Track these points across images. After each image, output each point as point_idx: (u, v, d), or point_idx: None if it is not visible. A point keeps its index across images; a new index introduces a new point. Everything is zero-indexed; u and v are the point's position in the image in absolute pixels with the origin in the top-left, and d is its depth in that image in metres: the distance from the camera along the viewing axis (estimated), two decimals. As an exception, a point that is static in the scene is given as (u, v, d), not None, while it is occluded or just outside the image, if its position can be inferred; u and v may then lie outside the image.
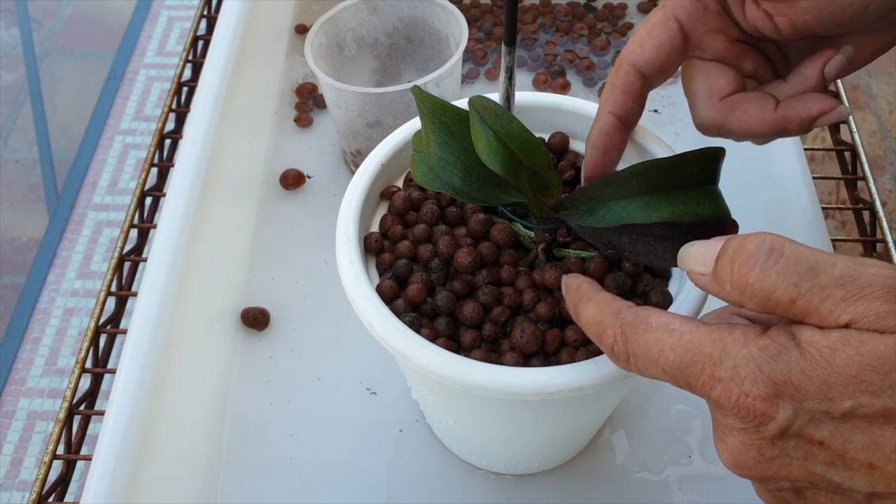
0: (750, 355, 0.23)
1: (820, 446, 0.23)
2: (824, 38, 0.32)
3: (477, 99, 0.32)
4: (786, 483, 0.24)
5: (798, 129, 0.32)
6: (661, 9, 0.33)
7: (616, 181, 0.31)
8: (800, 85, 0.33)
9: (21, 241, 1.25)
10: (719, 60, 0.34)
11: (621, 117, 0.34)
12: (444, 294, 0.33)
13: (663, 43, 0.33)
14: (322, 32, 0.53)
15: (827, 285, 0.22)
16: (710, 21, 0.33)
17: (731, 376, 0.23)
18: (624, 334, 0.26)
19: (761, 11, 0.32)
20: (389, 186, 0.38)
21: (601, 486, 0.43)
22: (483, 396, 0.32)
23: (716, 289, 0.25)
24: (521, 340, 0.32)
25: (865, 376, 0.22)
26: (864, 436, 0.22)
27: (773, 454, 0.23)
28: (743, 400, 0.23)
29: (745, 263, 0.24)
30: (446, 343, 0.32)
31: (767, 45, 0.34)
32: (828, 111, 0.31)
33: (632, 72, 0.33)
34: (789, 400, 0.22)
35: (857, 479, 0.23)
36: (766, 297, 0.23)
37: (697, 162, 0.31)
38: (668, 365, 0.25)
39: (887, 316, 0.22)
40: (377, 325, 0.32)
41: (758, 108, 0.32)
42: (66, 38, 1.52)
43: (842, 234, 0.95)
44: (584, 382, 0.30)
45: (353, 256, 0.34)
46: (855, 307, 0.22)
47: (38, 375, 1.10)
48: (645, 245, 0.31)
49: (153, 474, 0.39)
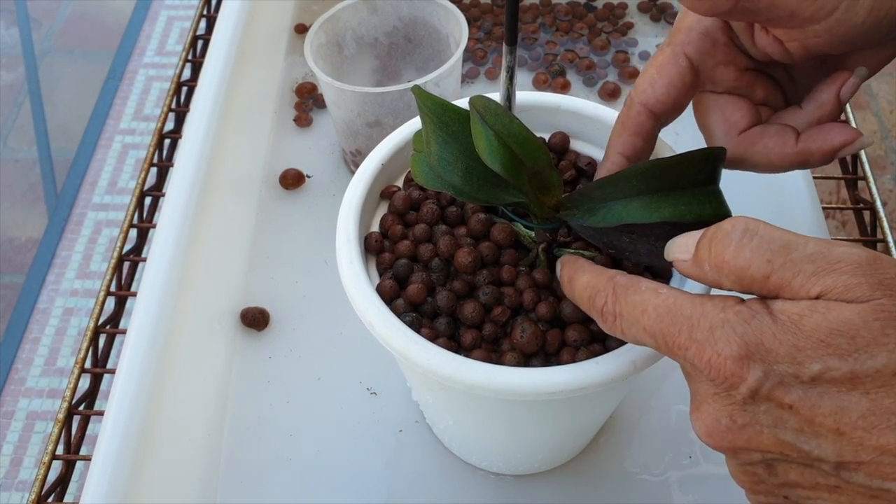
0: (725, 319, 0.24)
1: (789, 410, 0.23)
2: (832, 57, 0.32)
3: (477, 98, 0.31)
4: (757, 455, 0.25)
5: (820, 162, 0.32)
6: (669, 45, 0.33)
7: (617, 181, 0.31)
8: (816, 111, 0.33)
9: (20, 240, 1.25)
10: (731, 92, 0.34)
11: (631, 158, 0.34)
12: (445, 294, 0.33)
13: (674, 80, 0.33)
14: (322, 32, 0.53)
15: (799, 261, 0.23)
16: (719, 54, 0.33)
17: (706, 337, 0.24)
18: (615, 294, 0.27)
19: (771, 38, 0.32)
20: (389, 186, 0.38)
21: (601, 487, 0.43)
22: (483, 396, 0.32)
23: (696, 272, 0.26)
24: (521, 340, 0.32)
25: (833, 340, 0.22)
26: (831, 400, 0.22)
27: (745, 421, 0.24)
28: (715, 360, 0.24)
29: (720, 242, 0.25)
30: (446, 343, 0.32)
31: (774, 69, 0.34)
32: (850, 142, 0.32)
33: (643, 112, 0.33)
34: (760, 362, 0.23)
35: (825, 447, 0.23)
36: (742, 273, 0.24)
37: (698, 162, 0.30)
38: (649, 324, 0.26)
39: (855, 287, 0.23)
40: (377, 325, 0.32)
41: (778, 143, 0.32)
42: (66, 38, 1.52)
43: (842, 234, 0.95)
44: (584, 383, 0.30)
45: (353, 256, 0.34)
46: (825, 280, 0.23)
47: (37, 375, 1.10)
48: (645, 245, 0.31)
49: (153, 474, 0.39)
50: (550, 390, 0.30)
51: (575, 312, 0.33)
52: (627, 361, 0.30)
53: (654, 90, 0.33)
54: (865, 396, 0.22)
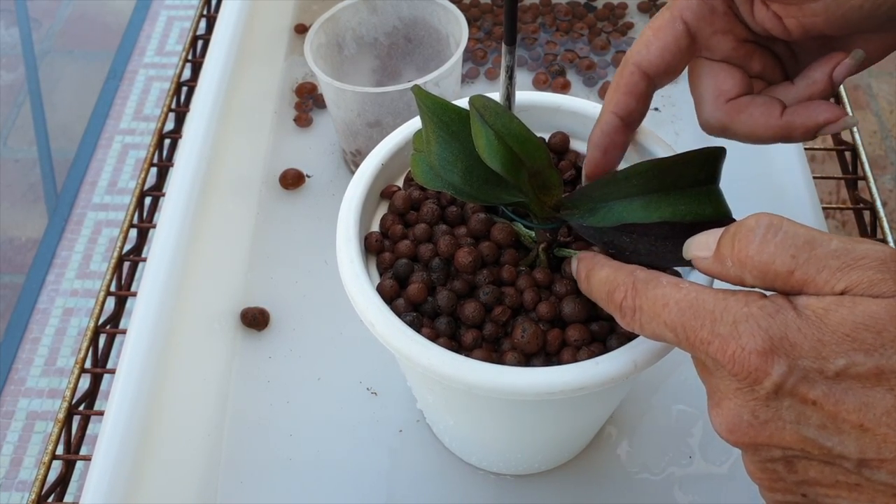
0: (749, 313, 0.24)
1: (813, 406, 0.23)
2: (834, 38, 0.32)
3: (477, 98, 0.31)
4: (777, 452, 0.24)
5: (802, 137, 0.32)
6: (668, 9, 0.33)
7: (617, 181, 0.31)
8: (807, 88, 0.33)
9: (20, 240, 1.25)
10: (727, 61, 0.34)
11: (624, 118, 0.34)
12: (445, 294, 0.33)
13: (669, 44, 0.33)
14: (322, 32, 0.53)
15: (823, 257, 0.23)
16: (718, 22, 0.33)
17: (730, 332, 0.24)
18: (635, 289, 0.27)
19: (770, 13, 0.32)
20: (390, 186, 0.38)
21: (602, 487, 0.43)
22: (483, 396, 0.32)
23: (718, 268, 0.26)
24: (522, 340, 0.32)
25: (858, 335, 0.22)
26: (855, 396, 0.22)
27: (767, 416, 0.24)
28: (739, 354, 0.23)
29: (744, 238, 0.25)
30: (447, 343, 0.32)
31: (777, 45, 0.34)
32: (833, 121, 0.31)
33: (636, 73, 0.33)
34: (784, 357, 0.23)
35: (847, 443, 0.23)
36: (766, 269, 0.24)
37: (698, 161, 0.31)
38: (670, 318, 0.25)
39: (880, 283, 0.22)
40: (378, 325, 0.32)
41: (763, 113, 0.32)
42: (66, 38, 1.52)
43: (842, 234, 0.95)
44: (585, 382, 0.30)
45: (353, 256, 0.34)
46: (850, 276, 0.23)
47: (37, 375, 1.10)
48: (646, 245, 0.31)
49: (152, 474, 0.39)
50: (550, 390, 0.30)
51: (575, 312, 0.33)
52: (628, 361, 0.30)
53: (649, 52, 0.33)
54: (890, 392, 0.22)
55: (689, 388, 0.46)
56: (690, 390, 0.46)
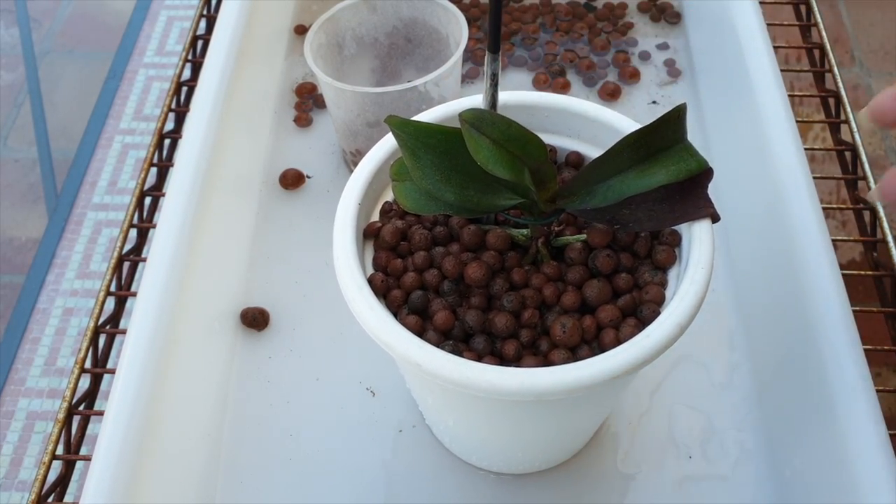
0: None
1: None
2: None
3: (467, 113, 0.31)
4: None
5: None
6: None
7: (608, 158, 0.32)
8: None
9: (20, 240, 1.25)
10: None
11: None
12: (473, 312, 0.33)
13: None
14: (322, 32, 0.53)
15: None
16: None
17: None
18: None
19: None
20: (371, 224, 0.37)
21: (601, 486, 0.43)
22: (484, 398, 0.32)
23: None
24: (564, 336, 0.32)
25: None
26: None
27: None
28: None
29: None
30: (493, 360, 0.32)
31: None
32: None
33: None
34: None
35: None
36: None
37: (671, 121, 0.32)
38: None
39: None
40: (376, 326, 0.32)
41: None
42: (66, 38, 1.52)
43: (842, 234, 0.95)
44: (584, 383, 0.30)
45: (361, 284, 0.33)
46: None
47: (37, 375, 1.10)
48: (645, 212, 0.32)
49: (153, 474, 0.39)
50: (552, 390, 0.30)
51: (600, 295, 0.33)
52: (628, 360, 0.30)
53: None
54: None
55: (689, 387, 0.46)
56: (690, 390, 0.46)
